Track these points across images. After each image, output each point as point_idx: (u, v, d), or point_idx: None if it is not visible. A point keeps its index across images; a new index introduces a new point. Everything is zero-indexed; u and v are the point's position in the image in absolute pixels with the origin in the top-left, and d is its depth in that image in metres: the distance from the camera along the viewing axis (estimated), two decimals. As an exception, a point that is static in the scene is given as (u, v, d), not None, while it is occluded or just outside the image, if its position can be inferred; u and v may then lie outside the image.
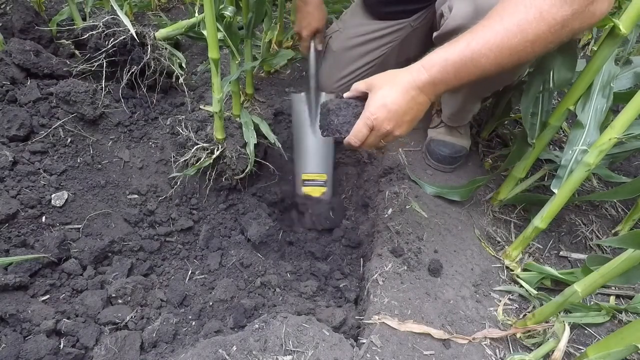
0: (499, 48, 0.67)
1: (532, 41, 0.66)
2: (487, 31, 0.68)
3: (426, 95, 0.74)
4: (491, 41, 0.67)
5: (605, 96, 0.88)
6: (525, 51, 0.67)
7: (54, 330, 0.85)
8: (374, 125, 0.75)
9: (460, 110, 1.20)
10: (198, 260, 1.16)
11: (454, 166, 1.26)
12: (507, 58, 0.68)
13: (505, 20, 0.67)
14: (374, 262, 1.01)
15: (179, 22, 1.26)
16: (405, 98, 0.73)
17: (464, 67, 0.69)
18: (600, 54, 0.83)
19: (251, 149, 1.16)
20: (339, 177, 1.49)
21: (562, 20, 0.64)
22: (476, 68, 0.69)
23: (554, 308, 0.81)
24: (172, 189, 1.16)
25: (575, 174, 0.86)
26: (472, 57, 0.68)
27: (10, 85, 1.05)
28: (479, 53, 0.68)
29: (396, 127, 0.76)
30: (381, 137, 0.77)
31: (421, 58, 0.74)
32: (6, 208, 0.88)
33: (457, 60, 0.69)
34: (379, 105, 0.74)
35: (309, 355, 0.75)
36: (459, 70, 0.70)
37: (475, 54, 0.68)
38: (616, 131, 0.78)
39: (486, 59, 0.68)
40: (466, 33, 0.70)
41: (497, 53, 0.67)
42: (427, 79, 0.72)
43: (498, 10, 0.69)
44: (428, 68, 0.72)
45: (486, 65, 0.69)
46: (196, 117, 1.18)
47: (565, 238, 1.15)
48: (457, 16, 0.91)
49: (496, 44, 0.67)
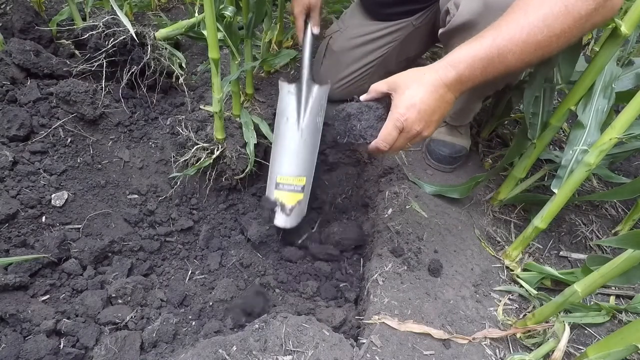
0: (525, 43, 0.66)
1: (558, 36, 0.66)
2: (512, 26, 0.67)
3: (453, 93, 0.73)
4: (517, 36, 0.66)
5: (607, 97, 0.88)
6: (550, 46, 0.67)
7: (54, 330, 0.85)
8: (404, 126, 0.72)
9: (464, 109, 1.19)
10: (198, 260, 1.16)
11: (454, 166, 1.25)
12: (533, 53, 0.67)
13: (530, 15, 0.66)
14: (374, 262, 1.01)
15: (179, 22, 1.26)
16: (434, 97, 0.71)
17: (491, 63, 0.68)
18: (602, 54, 0.83)
19: (251, 149, 1.16)
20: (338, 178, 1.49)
21: (587, 14, 0.64)
22: (502, 64, 0.68)
23: (554, 308, 0.81)
24: (172, 189, 1.16)
25: (575, 174, 0.86)
26: (498, 53, 0.67)
27: (10, 85, 1.05)
28: (506, 49, 0.67)
29: (425, 127, 0.74)
30: (410, 139, 0.75)
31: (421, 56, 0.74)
32: (6, 208, 0.88)
33: (484, 56, 0.68)
34: (408, 105, 0.71)
35: (309, 355, 0.75)
36: (486, 66, 0.69)
37: (501, 49, 0.67)
38: (617, 131, 0.78)
39: (512, 54, 0.67)
40: (490, 29, 0.69)
41: (523, 48, 0.67)
42: (455, 77, 0.70)
43: (521, 5, 0.68)
44: (455, 65, 0.70)
45: (512, 61, 0.68)
46: (196, 117, 1.18)
47: (565, 238, 1.15)
48: (465, 12, 0.90)
49: (522, 40, 0.66)
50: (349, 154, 1.46)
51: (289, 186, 1.13)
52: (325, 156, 1.46)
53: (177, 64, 1.22)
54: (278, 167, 1.14)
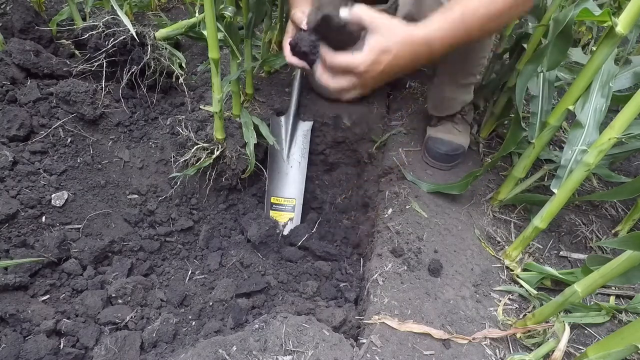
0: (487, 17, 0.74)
1: (512, 5, 0.74)
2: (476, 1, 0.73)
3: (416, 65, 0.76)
4: (480, 11, 0.73)
5: (605, 96, 0.88)
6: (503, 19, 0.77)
7: (54, 330, 0.85)
8: (359, 73, 0.72)
9: (442, 98, 1.21)
10: (198, 260, 1.16)
11: (452, 164, 1.25)
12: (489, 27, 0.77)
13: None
14: (374, 262, 1.01)
15: (179, 22, 1.26)
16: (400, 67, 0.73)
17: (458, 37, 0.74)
18: (599, 53, 0.83)
19: (251, 149, 1.16)
20: (338, 178, 1.49)
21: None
22: (467, 37, 0.75)
23: (554, 308, 0.81)
24: (172, 189, 1.16)
25: (575, 174, 0.86)
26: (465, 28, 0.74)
27: (10, 85, 1.05)
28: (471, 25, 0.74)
29: (369, 86, 0.75)
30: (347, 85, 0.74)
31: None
32: (6, 208, 0.88)
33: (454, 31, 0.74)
34: (375, 60, 0.70)
35: (309, 355, 0.75)
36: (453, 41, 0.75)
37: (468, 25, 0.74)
38: (616, 131, 0.78)
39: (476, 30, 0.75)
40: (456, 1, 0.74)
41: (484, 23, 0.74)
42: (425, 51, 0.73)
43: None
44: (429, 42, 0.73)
45: (474, 36, 0.76)
46: (196, 117, 1.18)
47: (565, 238, 1.15)
48: (405, 4, 0.98)
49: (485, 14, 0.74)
50: (349, 154, 1.46)
51: (281, 206, 1.33)
52: (325, 156, 1.46)
53: (177, 64, 1.22)
54: (272, 189, 1.33)
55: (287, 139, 1.32)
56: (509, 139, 1.08)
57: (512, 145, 1.07)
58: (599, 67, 0.85)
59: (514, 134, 1.06)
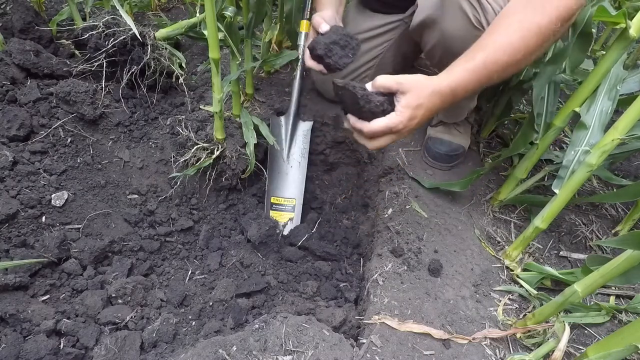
0: (508, 64, 0.76)
1: (532, 52, 0.76)
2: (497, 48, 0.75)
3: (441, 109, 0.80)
4: (502, 59, 0.75)
5: (611, 99, 0.88)
6: (526, 62, 0.78)
7: (54, 330, 0.85)
8: (398, 131, 0.76)
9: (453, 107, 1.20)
10: (198, 260, 1.16)
11: (451, 164, 1.25)
12: (513, 70, 0.78)
13: (511, 36, 0.75)
14: (374, 262, 1.01)
15: (179, 22, 1.26)
16: (431, 113, 0.77)
17: (479, 83, 0.77)
18: (610, 56, 0.83)
19: (251, 149, 1.16)
20: (338, 178, 1.49)
21: (554, 33, 0.75)
22: (488, 80, 0.78)
23: (554, 308, 0.81)
24: (172, 189, 1.16)
25: (576, 175, 0.86)
26: (487, 74, 0.76)
27: (10, 85, 1.05)
28: (492, 69, 0.76)
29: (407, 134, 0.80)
30: (391, 142, 0.80)
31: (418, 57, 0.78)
32: (6, 208, 0.88)
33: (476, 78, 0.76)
34: (411, 116, 0.75)
35: (309, 355, 0.75)
36: (475, 87, 0.78)
37: (490, 70, 0.76)
38: (619, 132, 0.78)
39: (497, 74, 0.77)
40: (478, 49, 0.76)
41: (506, 68, 0.76)
42: (450, 99, 0.77)
43: (503, 24, 0.77)
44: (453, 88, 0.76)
45: (495, 78, 0.78)
46: (196, 117, 1.18)
47: (565, 238, 1.15)
48: (424, 8, 0.97)
49: (505, 61, 0.75)
50: (349, 154, 1.46)
51: (281, 206, 1.33)
52: (325, 156, 1.46)
53: (177, 64, 1.22)
54: (272, 189, 1.32)
55: (287, 139, 1.32)
56: (520, 139, 1.07)
57: (522, 146, 1.07)
58: (608, 70, 0.85)
59: (525, 134, 1.05)
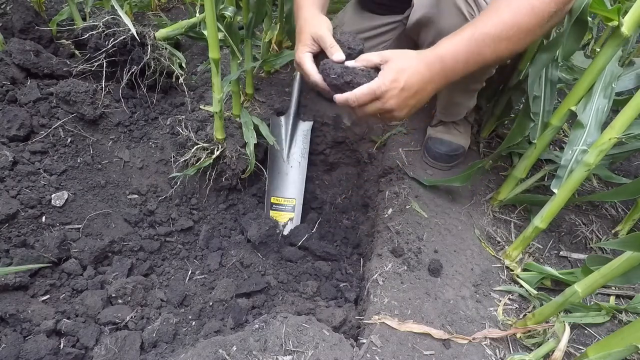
0: (499, 38, 0.73)
1: (525, 32, 0.74)
2: (487, 23, 0.74)
3: (434, 84, 0.77)
4: (491, 32, 0.73)
5: (607, 96, 0.88)
6: (519, 42, 0.75)
7: (54, 330, 0.85)
8: (382, 96, 0.73)
9: (450, 103, 1.20)
10: (198, 260, 1.16)
11: (451, 164, 1.25)
12: (505, 48, 0.75)
13: (502, 13, 0.73)
14: (374, 262, 1.01)
15: (179, 22, 1.26)
16: (420, 82, 0.74)
17: (471, 56, 0.74)
18: (603, 54, 0.83)
19: (251, 149, 1.16)
20: (338, 178, 1.49)
21: (549, 15, 0.73)
22: (480, 56, 0.75)
23: (554, 308, 0.81)
24: (172, 189, 1.16)
25: (575, 174, 0.86)
26: (477, 46, 0.74)
27: (10, 85, 1.05)
28: (483, 43, 0.74)
29: (400, 107, 0.75)
30: (381, 112, 0.76)
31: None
32: (6, 208, 0.88)
33: (465, 49, 0.74)
34: (394, 79, 0.73)
35: (309, 355, 0.75)
36: (467, 59, 0.75)
37: (479, 43, 0.74)
38: (616, 131, 0.78)
39: (488, 48, 0.74)
40: (468, 25, 0.76)
41: (497, 43, 0.74)
42: (440, 69, 0.75)
43: (495, 5, 0.75)
44: (440, 57, 0.74)
45: (487, 54, 0.75)
46: (196, 117, 1.18)
47: (565, 238, 1.15)
48: (419, 6, 0.96)
49: (496, 35, 0.73)
50: (349, 154, 1.46)
51: (281, 206, 1.33)
52: (325, 156, 1.46)
53: (177, 64, 1.22)
54: (272, 189, 1.33)
55: (287, 139, 1.32)
56: (515, 130, 1.06)
57: (519, 136, 1.06)
58: (602, 68, 0.85)
59: (521, 125, 1.04)
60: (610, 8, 0.78)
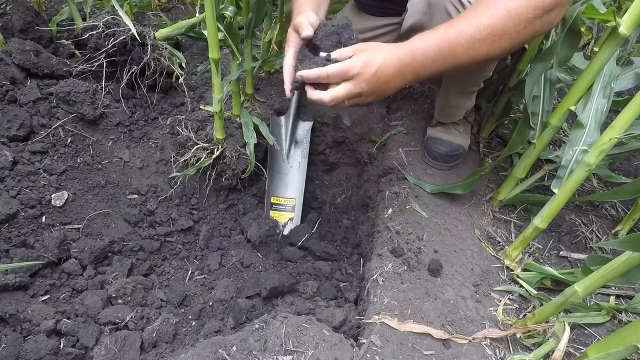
0: (472, 38, 0.73)
1: (500, 35, 0.73)
2: (462, 22, 0.74)
3: (402, 78, 0.77)
4: (465, 31, 0.73)
5: (606, 96, 0.88)
6: (494, 45, 0.74)
7: (54, 330, 0.85)
8: (353, 77, 0.74)
9: (447, 105, 1.21)
10: (198, 260, 1.16)
11: (451, 165, 1.25)
12: (478, 49, 0.74)
13: (478, 14, 0.73)
14: (374, 262, 1.01)
15: (179, 22, 1.26)
16: (391, 70, 0.75)
17: (441, 54, 0.74)
18: (602, 54, 0.83)
19: (251, 149, 1.16)
20: (338, 178, 1.49)
21: (525, 20, 0.72)
22: (451, 56, 0.74)
23: (554, 308, 0.81)
24: (172, 189, 1.16)
25: (575, 174, 0.86)
26: (449, 45, 0.74)
27: (10, 85, 1.05)
28: (455, 41, 0.73)
29: (370, 91, 0.76)
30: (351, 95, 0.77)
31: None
32: (6, 208, 0.88)
33: (436, 46, 0.74)
34: (367, 62, 0.74)
35: (309, 355, 0.75)
36: (436, 56, 0.75)
37: (452, 41, 0.73)
38: (617, 131, 0.78)
39: (461, 47, 0.73)
40: (444, 24, 0.76)
41: (471, 43, 0.73)
42: (409, 62, 0.75)
43: (473, 7, 0.76)
44: (412, 52, 0.75)
45: (460, 54, 0.74)
46: (196, 117, 1.18)
47: (565, 238, 1.15)
48: (412, 13, 0.97)
49: (470, 34, 0.73)
50: (349, 154, 1.46)
51: (281, 206, 1.33)
52: (325, 156, 1.46)
53: (177, 64, 1.22)
54: (272, 189, 1.33)
55: (287, 139, 1.32)
56: (516, 137, 1.07)
57: (519, 145, 1.06)
58: (601, 68, 0.85)
59: (521, 133, 1.05)
60: (603, 12, 0.79)
